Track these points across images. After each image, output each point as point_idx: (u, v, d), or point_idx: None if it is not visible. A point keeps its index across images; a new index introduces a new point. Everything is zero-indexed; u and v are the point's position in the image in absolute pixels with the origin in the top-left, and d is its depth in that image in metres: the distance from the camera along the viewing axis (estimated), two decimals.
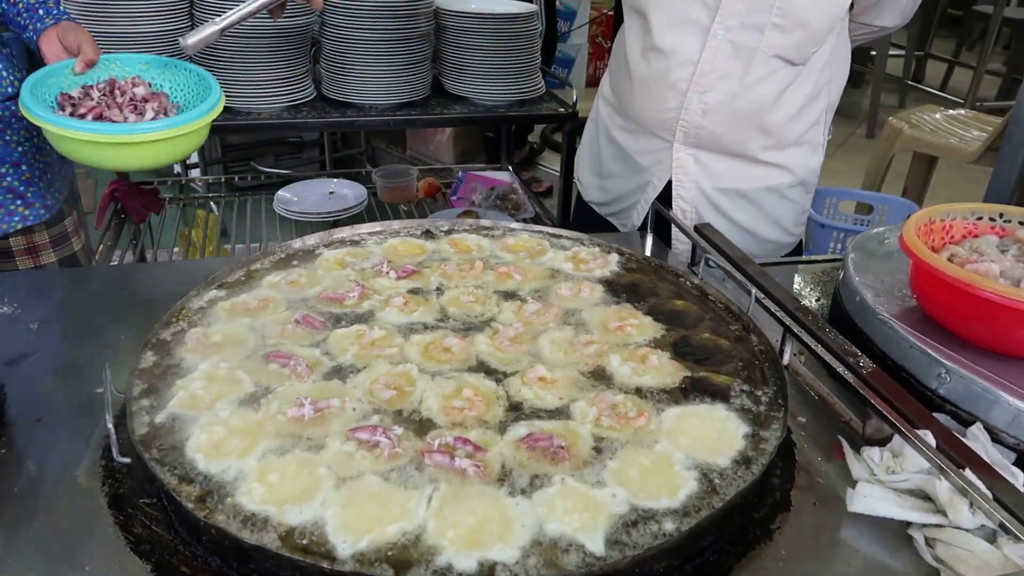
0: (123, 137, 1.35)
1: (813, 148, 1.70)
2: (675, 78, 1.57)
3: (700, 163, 1.65)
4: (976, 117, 4.19)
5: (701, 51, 1.52)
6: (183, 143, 1.43)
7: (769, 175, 1.68)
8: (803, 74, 1.57)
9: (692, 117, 1.59)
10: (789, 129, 1.62)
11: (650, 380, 1.05)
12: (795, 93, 1.58)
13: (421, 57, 2.74)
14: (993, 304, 1.06)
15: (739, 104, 1.56)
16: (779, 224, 1.76)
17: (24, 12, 1.62)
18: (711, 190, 1.68)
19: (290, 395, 0.99)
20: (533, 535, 0.79)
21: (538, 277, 1.33)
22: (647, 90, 1.63)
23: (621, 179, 1.79)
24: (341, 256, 1.36)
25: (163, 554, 0.84)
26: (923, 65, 7.72)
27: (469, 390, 1.01)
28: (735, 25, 1.49)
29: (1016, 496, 0.86)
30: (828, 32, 1.53)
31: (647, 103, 1.64)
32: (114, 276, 1.50)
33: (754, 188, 1.68)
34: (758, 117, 1.58)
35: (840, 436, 1.04)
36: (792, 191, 1.72)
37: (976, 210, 1.32)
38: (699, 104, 1.57)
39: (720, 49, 1.51)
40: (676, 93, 1.58)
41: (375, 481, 0.85)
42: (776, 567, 0.86)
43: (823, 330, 1.15)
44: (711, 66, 1.53)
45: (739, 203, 1.70)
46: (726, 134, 1.60)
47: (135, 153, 1.38)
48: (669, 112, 1.61)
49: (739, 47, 1.51)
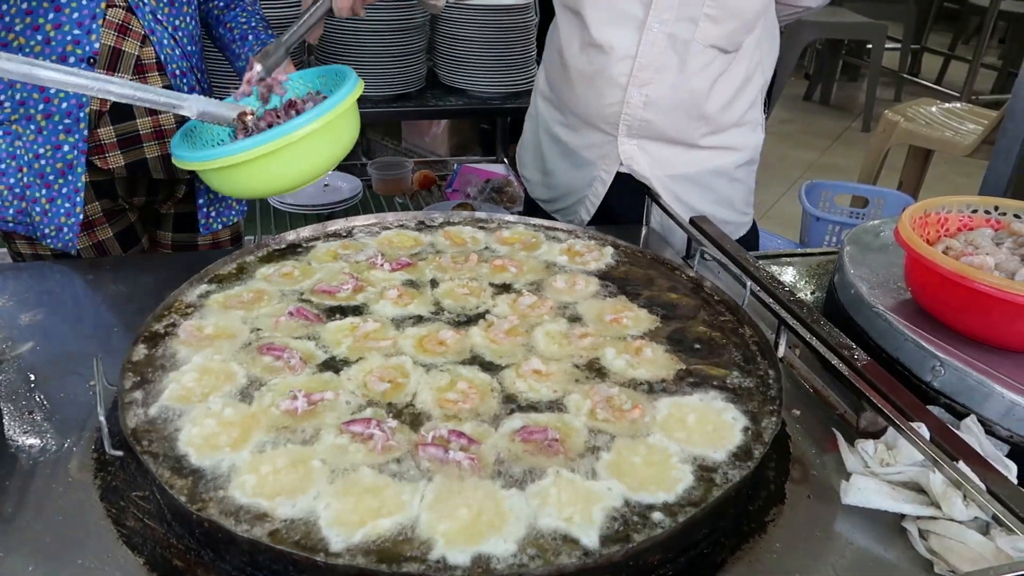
0: (235, 158, 1.18)
1: (753, 127, 1.73)
2: (615, 73, 1.57)
3: (646, 152, 1.66)
4: (971, 111, 4.19)
5: (638, 45, 1.53)
6: (327, 142, 1.25)
7: (714, 157, 1.69)
8: (736, 59, 1.59)
9: (634, 111, 1.60)
10: (727, 113, 1.64)
11: (645, 372, 1.05)
12: (730, 78, 1.60)
13: (416, 48, 2.73)
14: (988, 297, 1.06)
15: (678, 95, 1.58)
16: (731, 205, 1.77)
17: (238, 39, 1.63)
18: (662, 177, 1.68)
19: (283, 388, 0.98)
20: (527, 528, 0.79)
21: (533, 270, 1.32)
22: (587, 85, 1.63)
23: (565, 175, 1.79)
24: (335, 248, 1.36)
25: (155, 547, 0.84)
26: (919, 59, 7.73)
27: (463, 383, 1.01)
28: (669, 18, 1.50)
29: (1009, 488, 0.86)
30: (759, 18, 1.55)
31: (588, 98, 1.64)
32: (106, 268, 1.49)
33: (701, 171, 1.70)
34: (697, 105, 1.60)
35: (834, 429, 1.04)
36: (739, 171, 1.74)
37: (971, 203, 1.32)
38: (639, 97, 1.58)
39: (656, 43, 1.52)
40: (616, 88, 1.59)
41: (369, 474, 0.85)
42: (770, 560, 0.86)
43: (818, 323, 1.15)
44: (648, 60, 1.54)
45: (689, 188, 1.71)
46: (668, 124, 1.62)
47: (276, 171, 1.22)
48: (611, 107, 1.62)
49: (675, 39, 1.52)
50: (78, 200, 1.52)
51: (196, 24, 1.64)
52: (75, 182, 1.51)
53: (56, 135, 1.47)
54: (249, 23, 1.64)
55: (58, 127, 1.47)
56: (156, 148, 1.58)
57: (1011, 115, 2.34)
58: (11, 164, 1.50)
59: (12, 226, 1.57)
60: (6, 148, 1.49)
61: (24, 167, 1.49)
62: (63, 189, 1.51)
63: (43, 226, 1.53)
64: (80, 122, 1.47)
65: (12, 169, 1.50)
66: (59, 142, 1.48)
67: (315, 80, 1.44)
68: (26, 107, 1.46)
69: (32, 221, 1.54)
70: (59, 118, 1.46)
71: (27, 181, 1.50)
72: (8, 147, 1.49)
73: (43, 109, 1.45)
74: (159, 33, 1.51)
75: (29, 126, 1.47)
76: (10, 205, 1.54)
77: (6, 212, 1.55)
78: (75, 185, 1.51)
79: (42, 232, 1.54)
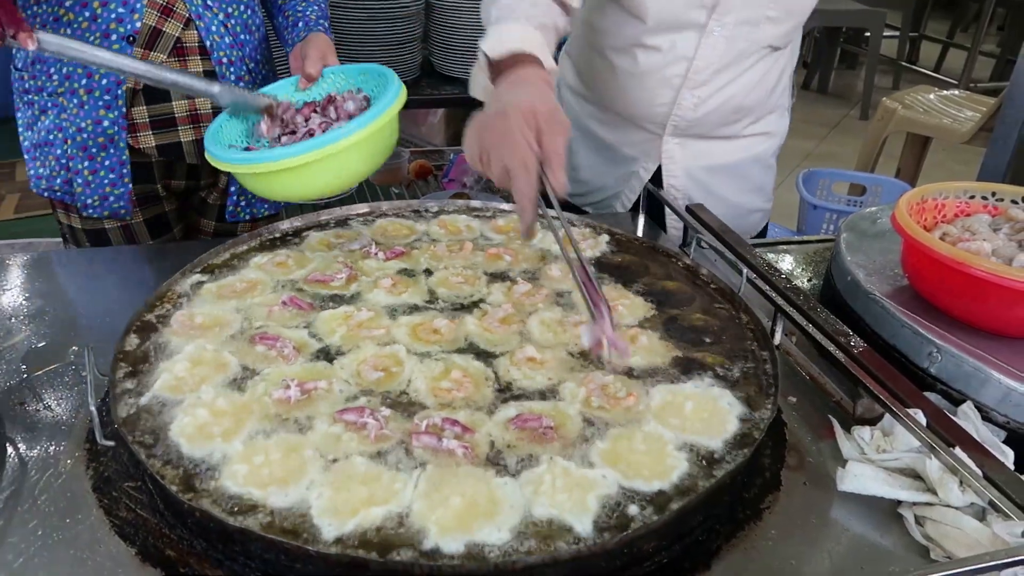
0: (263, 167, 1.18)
1: (783, 112, 1.73)
2: (668, 75, 1.53)
3: (686, 148, 1.65)
4: (969, 98, 4.18)
5: (696, 48, 1.49)
6: (362, 155, 1.23)
7: (752, 144, 1.69)
8: (781, 52, 1.58)
9: (684, 112, 1.57)
10: (767, 103, 1.64)
11: (640, 360, 1.05)
12: (775, 71, 1.59)
13: (411, 37, 2.71)
14: (985, 283, 1.05)
15: (729, 93, 1.56)
16: (763, 193, 1.78)
17: (290, 26, 1.63)
18: (697, 169, 1.67)
19: (276, 377, 0.98)
20: (522, 516, 0.78)
21: (528, 258, 1.32)
22: (636, 85, 1.59)
23: (596, 169, 1.76)
24: (329, 237, 1.35)
25: (148, 537, 0.83)
26: (917, 46, 7.70)
27: (458, 371, 1.00)
28: (731, 22, 1.46)
29: (1006, 474, 0.86)
30: (810, 11, 1.53)
31: (635, 98, 1.60)
32: (99, 258, 1.48)
33: (740, 160, 1.69)
34: (745, 101, 1.59)
35: (830, 416, 1.04)
36: (772, 157, 1.74)
37: (968, 189, 1.31)
38: (692, 99, 1.55)
39: (715, 46, 1.49)
40: (669, 89, 1.55)
41: (362, 463, 0.84)
42: (766, 546, 0.86)
43: (814, 310, 1.14)
44: (706, 63, 1.50)
45: (723, 178, 1.69)
46: (715, 121, 1.60)
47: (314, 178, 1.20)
48: (661, 107, 1.58)
49: (734, 41, 1.49)
50: (124, 172, 1.56)
51: (254, 13, 1.63)
52: (119, 155, 1.54)
53: (97, 110, 1.50)
54: (304, 11, 1.63)
55: (98, 102, 1.50)
56: (191, 132, 1.58)
57: (1009, 101, 2.33)
58: (58, 136, 1.54)
59: (59, 195, 1.61)
60: (53, 120, 1.53)
61: (68, 139, 1.53)
62: (106, 162, 1.54)
63: (85, 196, 1.57)
64: (118, 99, 1.50)
65: (59, 140, 1.55)
66: (99, 117, 1.51)
67: (356, 77, 1.44)
68: (71, 81, 1.49)
69: (74, 192, 1.57)
70: (99, 93, 1.49)
71: (71, 153, 1.54)
72: (55, 119, 1.53)
73: (85, 84, 1.49)
74: (207, 19, 1.52)
75: (73, 99, 1.50)
76: (57, 175, 1.58)
77: (53, 181, 1.59)
78: (119, 158, 1.55)
79: (84, 202, 1.58)
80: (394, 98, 1.25)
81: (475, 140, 1.07)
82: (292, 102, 1.39)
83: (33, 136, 1.58)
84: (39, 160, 1.59)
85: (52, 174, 1.58)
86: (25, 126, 1.59)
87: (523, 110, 1.02)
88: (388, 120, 1.23)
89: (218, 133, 1.33)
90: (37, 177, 1.61)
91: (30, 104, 1.55)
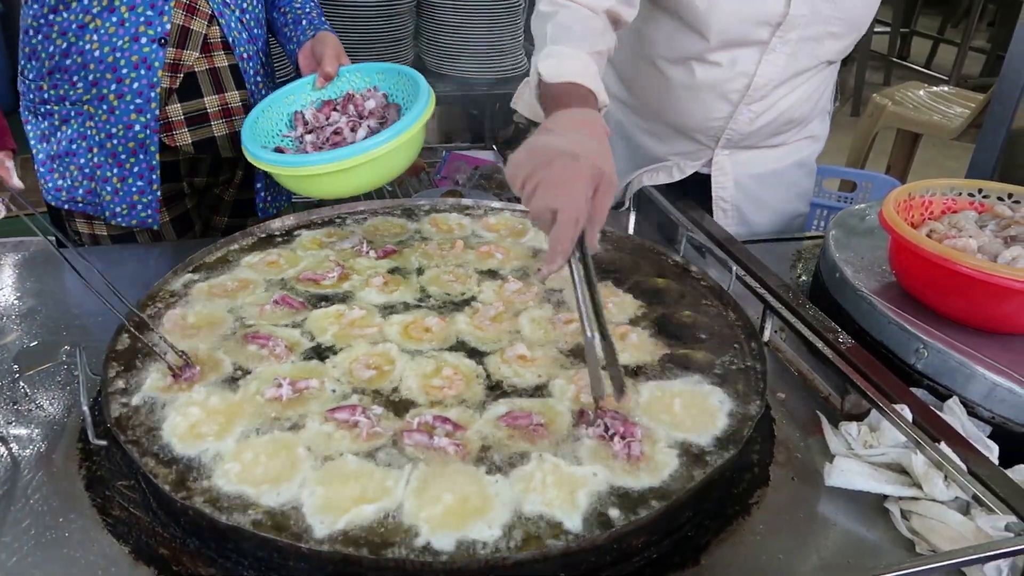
0: (312, 169, 1.24)
1: (824, 116, 1.74)
2: (727, 90, 1.52)
3: (735, 157, 1.65)
4: (959, 94, 4.19)
5: (757, 65, 1.48)
6: (392, 161, 1.28)
7: (799, 148, 1.70)
8: (833, 64, 1.59)
9: (740, 126, 1.57)
10: (815, 110, 1.65)
11: (629, 357, 1.05)
12: (827, 81, 1.60)
13: (402, 35, 2.71)
14: (971, 279, 1.06)
15: (784, 106, 1.56)
16: (805, 196, 1.79)
17: (291, 23, 1.62)
18: (745, 177, 1.67)
19: (268, 376, 0.98)
20: (512, 513, 0.79)
21: (519, 256, 1.32)
22: (691, 98, 1.56)
23: (633, 174, 1.75)
24: (320, 237, 1.35)
25: (141, 536, 0.84)
26: (908, 42, 7.71)
27: (449, 369, 1.01)
28: (794, 39, 1.45)
29: (990, 469, 0.87)
30: (868, 24, 1.53)
31: (689, 111, 1.58)
32: (90, 257, 1.48)
33: (786, 166, 1.70)
34: (798, 114, 1.59)
35: (819, 412, 1.05)
36: (814, 160, 1.76)
37: (955, 186, 1.32)
38: (748, 114, 1.55)
39: (776, 63, 1.48)
40: (726, 103, 1.54)
41: (353, 461, 0.85)
42: (753, 541, 0.87)
43: (803, 306, 1.15)
44: (766, 79, 1.49)
45: (770, 185, 1.69)
46: (768, 133, 1.61)
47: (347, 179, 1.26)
48: (716, 121, 1.57)
49: (795, 58, 1.48)
50: (153, 178, 1.54)
51: (263, 8, 1.64)
52: (148, 160, 1.52)
53: (128, 115, 1.48)
54: (304, 8, 1.64)
55: (129, 107, 1.48)
56: (224, 126, 1.59)
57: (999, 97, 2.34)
58: (82, 144, 1.52)
59: (81, 206, 1.58)
60: (77, 129, 1.51)
61: (95, 147, 1.51)
62: (135, 168, 1.52)
63: (113, 205, 1.54)
64: (151, 101, 1.48)
65: (83, 150, 1.52)
66: (131, 122, 1.49)
67: (373, 75, 1.46)
68: (99, 87, 1.47)
69: (101, 201, 1.55)
70: (130, 98, 1.47)
71: (97, 161, 1.51)
72: (79, 127, 1.51)
73: (115, 89, 1.47)
74: (227, 16, 1.52)
75: (101, 106, 1.48)
76: (79, 185, 1.55)
77: (75, 192, 1.56)
78: (149, 163, 1.52)
79: (112, 211, 1.55)
80: (429, 98, 1.31)
81: (527, 166, 1.00)
82: None
83: (50, 148, 1.54)
84: (57, 172, 1.55)
85: (74, 184, 1.55)
86: (40, 138, 1.55)
87: (593, 165, 0.97)
88: (427, 119, 1.29)
89: (253, 128, 1.36)
90: (56, 189, 1.57)
91: (48, 115, 1.52)
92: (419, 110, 1.28)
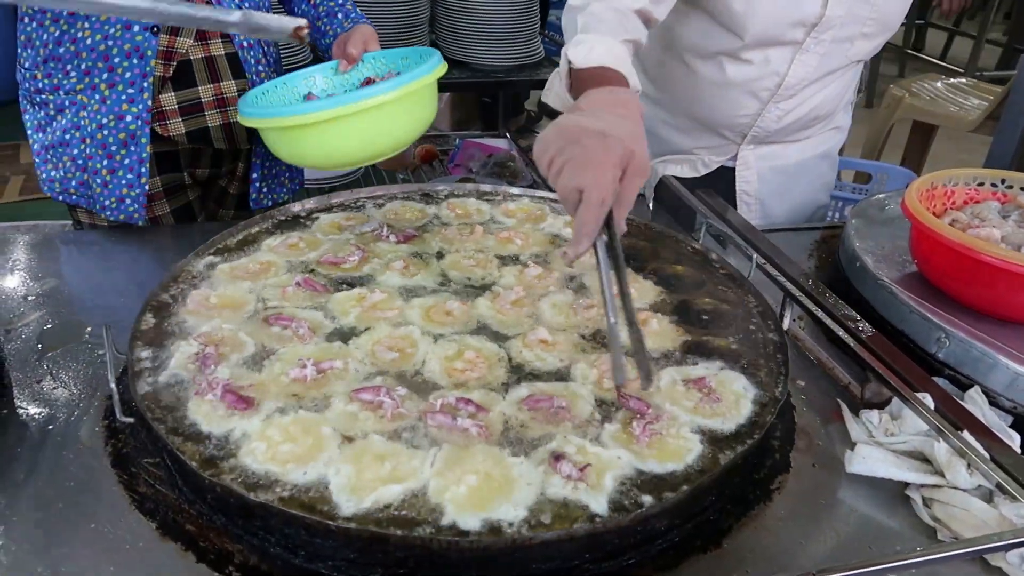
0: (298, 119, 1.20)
1: (847, 107, 1.73)
2: (757, 88, 1.51)
3: (759, 151, 1.65)
4: (976, 86, 4.16)
5: (790, 64, 1.47)
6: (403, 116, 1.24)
7: (823, 140, 1.70)
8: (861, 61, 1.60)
9: (767, 123, 1.57)
10: (841, 104, 1.65)
11: (651, 344, 1.05)
12: (854, 78, 1.61)
13: (418, 21, 2.71)
14: (994, 268, 1.06)
15: (812, 104, 1.56)
16: (827, 187, 1.78)
17: (324, 16, 1.61)
18: (768, 171, 1.67)
19: (292, 356, 0.99)
20: (536, 494, 0.80)
21: (538, 242, 1.32)
22: (719, 94, 1.55)
23: (655, 167, 1.74)
24: (339, 220, 1.36)
25: (167, 512, 0.85)
26: (923, 34, 7.66)
27: (471, 352, 1.01)
28: (827, 39, 1.45)
29: (1013, 457, 0.87)
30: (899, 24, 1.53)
31: (717, 107, 1.58)
32: (113, 238, 1.49)
33: (809, 157, 1.70)
34: (824, 111, 1.59)
35: (839, 399, 1.05)
36: (836, 151, 1.76)
37: (978, 176, 1.32)
38: (777, 112, 1.55)
39: (808, 62, 1.48)
40: (756, 101, 1.54)
41: (379, 441, 0.85)
42: (775, 526, 0.87)
43: (823, 295, 1.15)
44: (797, 79, 1.49)
45: (795, 177, 1.69)
46: (795, 129, 1.60)
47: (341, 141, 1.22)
48: (744, 118, 1.57)
49: (827, 58, 1.48)
50: (142, 171, 1.52)
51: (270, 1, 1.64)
52: (138, 153, 1.50)
53: (119, 105, 1.47)
54: (337, 1, 1.63)
55: (121, 96, 1.46)
56: (218, 116, 1.57)
57: (1016, 90, 2.33)
58: (75, 135, 1.50)
59: (75, 199, 1.57)
60: (71, 119, 1.49)
61: (87, 138, 1.49)
62: (125, 160, 1.50)
63: (103, 198, 1.53)
64: (144, 91, 1.46)
65: (76, 140, 1.50)
66: (122, 112, 1.47)
67: (397, 61, 1.45)
68: (91, 76, 1.45)
69: (92, 193, 1.53)
70: (122, 87, 1.46)
71: (89, 152, 1.50)
72: (73, 117, 1.49)
73: (107, 78, 1.45)
74: (225, 2, 1.50)
75: (94, 96, 1.46)
76: (72, 177, 1.54)
77: (69, 184, 1.55)
78: (139, 156, 1.50)
79: (102, 204, 1.54)
80: (433, 67, 1.25)
81: (555, 144, 0.97)
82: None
83: (45, 138, 1.53)
84: (52, 163, 1.54)
85: (67, 176, 1.53)
86: (36, 128, 1.54)
87: (623, 145, 0.95)
88: (421, 87, 1.23)
89: (257, 100, 1.35)
90: (51, 180, 1.56)
91: (43, 104, 1.51)
92: (418, 72, 1.23)
